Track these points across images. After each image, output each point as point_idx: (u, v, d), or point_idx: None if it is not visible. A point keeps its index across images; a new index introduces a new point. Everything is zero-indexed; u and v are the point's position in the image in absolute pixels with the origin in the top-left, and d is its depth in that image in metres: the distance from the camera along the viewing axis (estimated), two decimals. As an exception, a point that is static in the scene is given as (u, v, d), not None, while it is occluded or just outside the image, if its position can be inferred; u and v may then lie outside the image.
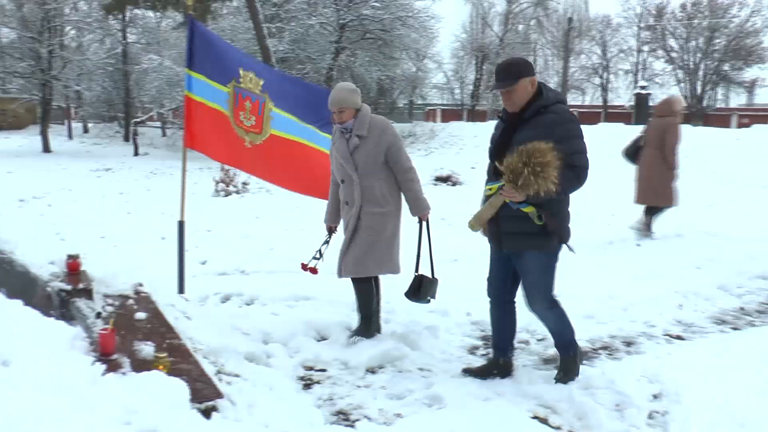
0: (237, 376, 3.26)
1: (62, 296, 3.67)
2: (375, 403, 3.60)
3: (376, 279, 4.54)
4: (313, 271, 4.67)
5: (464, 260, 7.17)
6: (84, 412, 2.11)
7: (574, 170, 3.47)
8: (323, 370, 4.05)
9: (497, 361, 4.05)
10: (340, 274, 4.45)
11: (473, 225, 3.65)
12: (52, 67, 25.41)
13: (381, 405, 3.57)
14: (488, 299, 4.09)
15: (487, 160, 3.83)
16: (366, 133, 4.32)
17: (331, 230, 4.72)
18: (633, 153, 8.37)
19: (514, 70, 3.58)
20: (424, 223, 4.45)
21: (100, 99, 32.39)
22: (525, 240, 3.61)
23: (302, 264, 4.68)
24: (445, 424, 3.35)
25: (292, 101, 5.11)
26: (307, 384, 3.86)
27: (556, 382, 3.83)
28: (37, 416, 2.01)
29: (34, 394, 2.11)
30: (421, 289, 4.36)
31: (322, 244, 4.69)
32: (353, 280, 4.45)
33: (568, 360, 3.90)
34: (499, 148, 3.64)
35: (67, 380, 2.27)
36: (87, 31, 29.93)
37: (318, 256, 4.68)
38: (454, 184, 14.25)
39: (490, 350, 4.56)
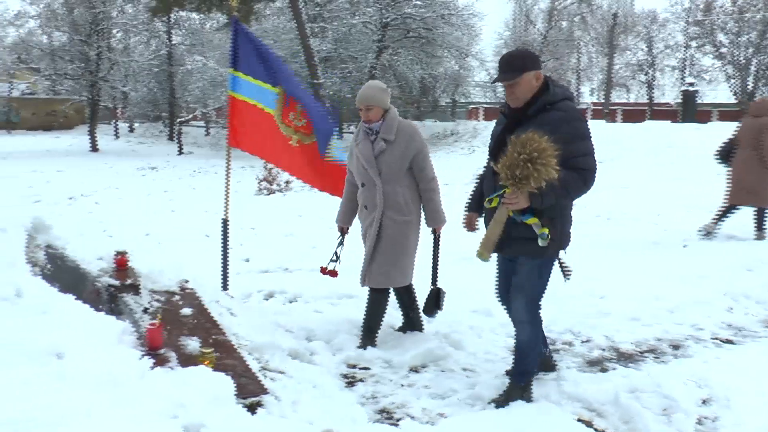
0: (281, 372, 3.29)
1: (111, 291, 3.75)
2: (418, 403, 3.58)
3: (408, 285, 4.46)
4: (333, 274, 4.54)
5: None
6: (133, 405, 2.15)
7: (581, 174, 3.24)
8: (366, 369, 4.04)
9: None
10: (364, 283, 4.33)
11: (482, 253, 3.33)
12: (100, 68, 26.10)
13: (424, 404, 3.56)
14: (502, 306, 3.84)
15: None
16: (393, 137, 4.16)
17: (343, 231, 4.60)
18: (726, 155, 8.19)
19: (518, 63, 3.33)
20: (436, 235, 4.32)
21: (146, 99, 33.08)
22: (523, 245, 3.38)
23: (321, 268, 4.57)
24: (488, 425, 3.31)
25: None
26: (350, 382, 3.86)
27: (494, 405, 3.55)
28: (88, 408, 2.05)
29: (86, 387, 2.16)
30: (439, 302, 4.24)
31: (338, 246, 4.58)
32: (371, 289, 4.35)
33: (515, 389, 3.60)
34: (500, 146, 3.40)
35: (117, 373, 2.31)
36: (133, 33, 30.67)
37: (335, 258, 4.55)
38: (496, 182, 14.12)
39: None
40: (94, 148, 25.59)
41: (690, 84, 29.26)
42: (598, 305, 5.31)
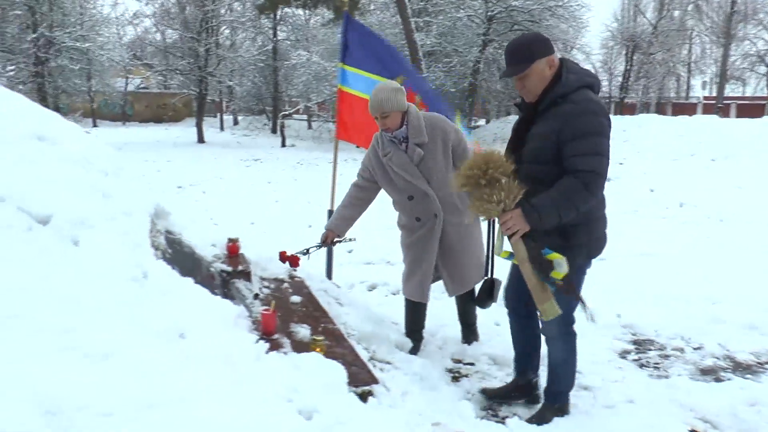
0: (388, 363, 3.31)
1: (223, 277, 3.89)
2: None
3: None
4: (294, 261, 4.14)
5: (613, 259, 6.88)
6: (250, 387, 2.22)
7: (579, 176, 2.78)
8: (471, 364, 4.03)
9: (516, 382, 3.58)
10: (451, 295, 4.09)
11: (545, 312, 2.88)
12: (208, 64, 27.25)
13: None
14: (506, 310, 3.58)
15: (633, 155, 3.39)
16: (426, 138, 3.73)
17: (328, 239, 4.10)
18: None
19: (524, 52, 2.91)
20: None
21: (250, 93, 34.22)
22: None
23: (282, 253, 4.19)
24: (595, 427, 3.23)
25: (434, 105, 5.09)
26: (456, 377, 3.85)
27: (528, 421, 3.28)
28: (209, 386, 2.14)
29: (207, 366, 2.25)
30: (493, 293, 3.63)
31: (314, 247, 4.18)
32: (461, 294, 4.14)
33: (549, 409, 3.32)
34: (515, 146, 3.06)
35: (235, 355, 2.39)
36: (240, 30, 31.72)
37: (305, 252, 4.20)
38: (600, 180, 13.77)
39: (642, 355, 4.38)
40: (200, 139, 26.71)
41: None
42: (710, 311, 5.09)
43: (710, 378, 3.94)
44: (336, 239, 4.16)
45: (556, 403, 3.34)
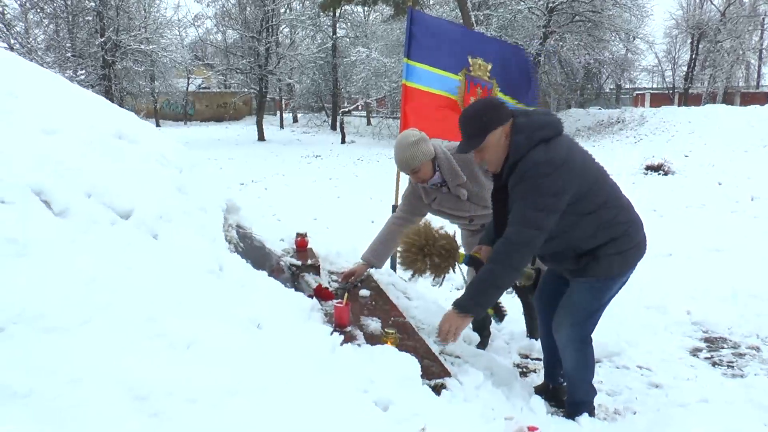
0: (458, 357, 3.31)
1: (293, 270, 3.96)
2: (594, 398, 3.46)
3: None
4: (330, 296, 3.62)
5: (679, 254, 6.75)
6: (327, 377, 2.26)
7: (503, 243, 2.72)
8: (539, 359, 3.98)
9: (546, 386, 3.49)
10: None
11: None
12: (268, 62, 27.62)
13: (600, 400, 3.44)
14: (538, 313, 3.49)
15: (699, 147, 3.21)
16: (465, 177, 3.62)
17: (356, 273, 3.87)
18: None
19: (477, 124, 2.75)
20: None
21: (310, 91, 34.58)
22: (575, 273, 2.96)
23: (318, 286, 3.72)
24: (668, 425, 3.16)
25: (513, 81, 5.14)
26: (523, 372, 3.84)
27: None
28: (288, 376, 2.18)
29: (284, 356, 2.30)
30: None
31: (340, 288, 3.81)
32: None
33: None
34: (499, 213, 2.95)
35: (311, 346, 2.44)
36: (300, 28, 32.08)
37: (335, 291, 3.76)
38: (665, 173, 13.41)
39: (714, 353, 4.27)
40: (260, 137, 27.17)
41: None
42: (787, 309, 4.91)
43: (791, 379, 3.80)
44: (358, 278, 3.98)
45: (578, 415, 3.17)
